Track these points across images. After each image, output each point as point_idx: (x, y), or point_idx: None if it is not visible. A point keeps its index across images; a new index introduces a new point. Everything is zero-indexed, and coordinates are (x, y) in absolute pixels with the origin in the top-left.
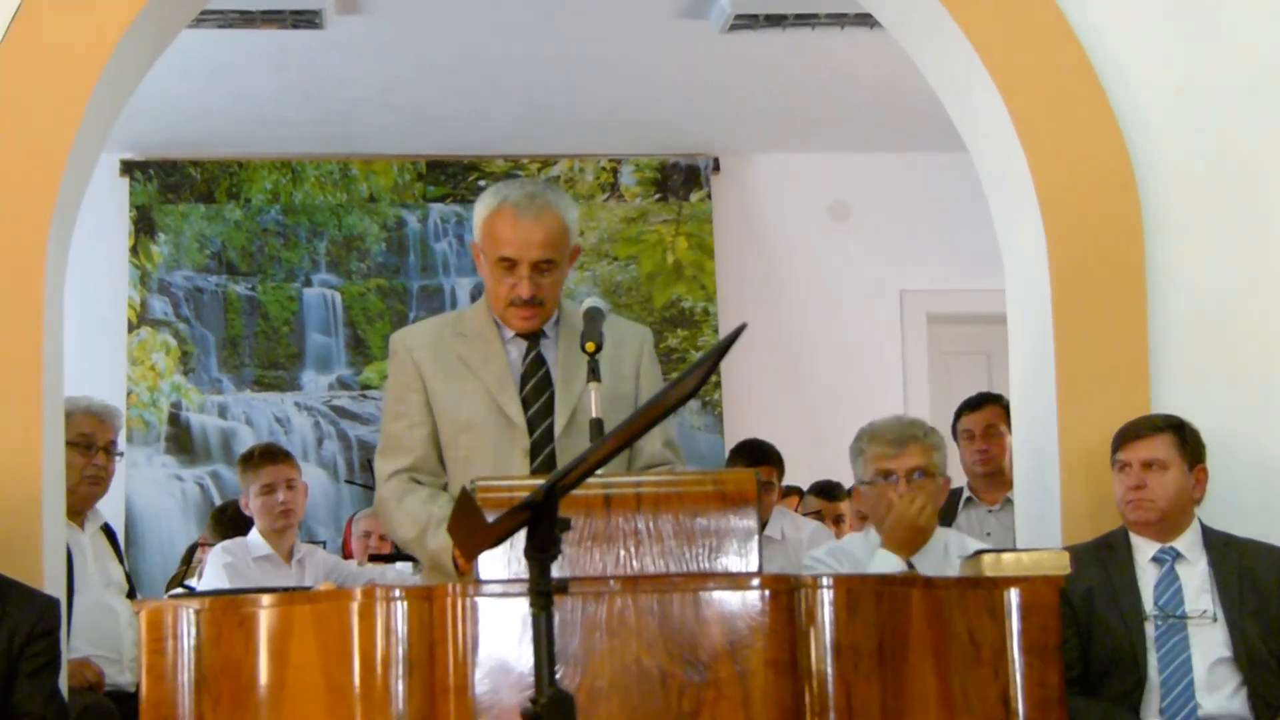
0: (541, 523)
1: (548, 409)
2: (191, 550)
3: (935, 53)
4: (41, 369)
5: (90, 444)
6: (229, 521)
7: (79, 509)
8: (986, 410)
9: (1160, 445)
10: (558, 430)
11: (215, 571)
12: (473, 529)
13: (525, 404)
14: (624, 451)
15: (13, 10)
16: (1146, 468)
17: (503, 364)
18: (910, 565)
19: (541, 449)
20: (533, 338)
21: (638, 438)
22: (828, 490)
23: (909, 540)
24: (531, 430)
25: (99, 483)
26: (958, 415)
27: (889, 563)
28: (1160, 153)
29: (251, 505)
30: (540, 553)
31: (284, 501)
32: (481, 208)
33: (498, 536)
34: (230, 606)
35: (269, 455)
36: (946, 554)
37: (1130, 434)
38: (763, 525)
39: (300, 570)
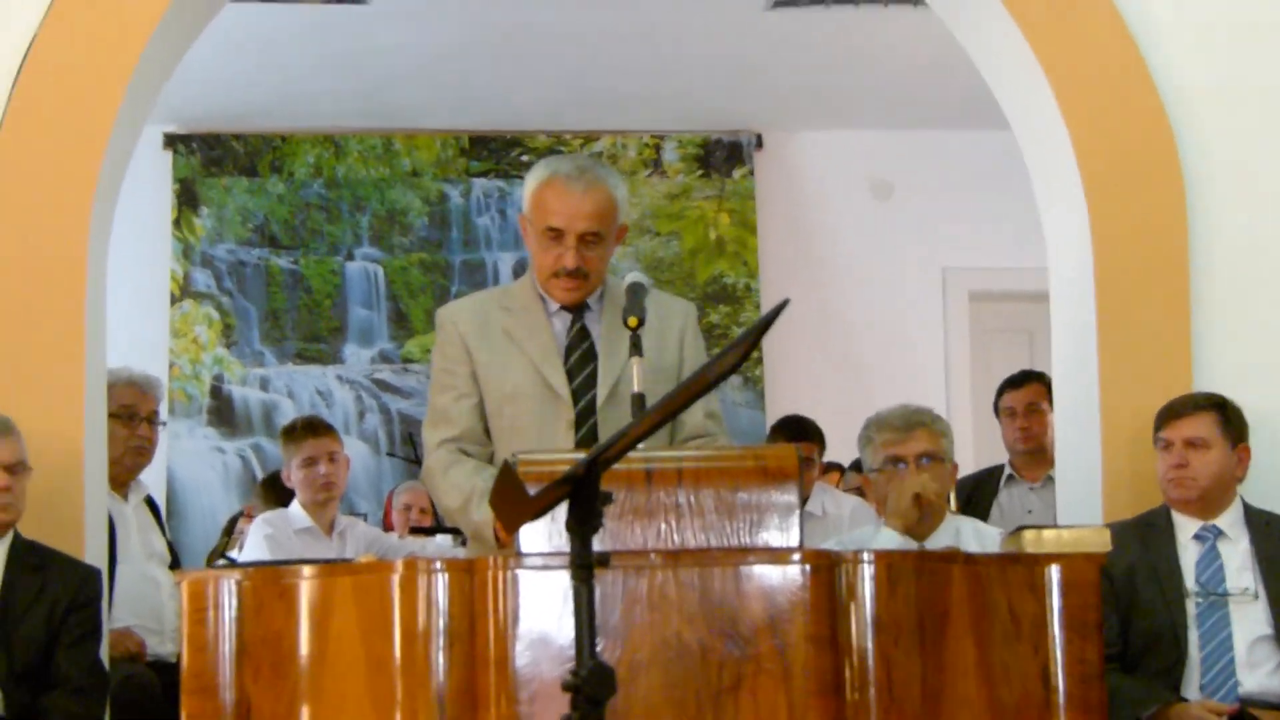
0: (583, 496)
1: (591, 381)
2: (233, 522)
3: (979, 30)
4: (84, 341)
5: (133, 414)
6: (281, 488)
7: (123, 480)
8: (1029, 388)
9: (1203, 424)
10: (600, 402)
11: (256, 543)
12: (514, 502)
13: (569, 376)
14: (666, 424)
15: None
16: (1189, 446)
17: (547, 336)
18: (921, 547)
19: (585, 421)
20: (577, 311)
21: (680, 411)
22: None
23: (910, 515)
24: (575, 401)
25: (143, 453)
26: (1000, 393)
27: (890, 539)
28: (1204, 129)
29: (293, 478)
30: (581, 526)
31: (325, 474)
32: (532, 179)
33: (539, 509)
34: (272, 578)
35: (311, 428)
36: (958, 538)
37: (1173, 412)
38: (803, 501)
39: (341, 543)
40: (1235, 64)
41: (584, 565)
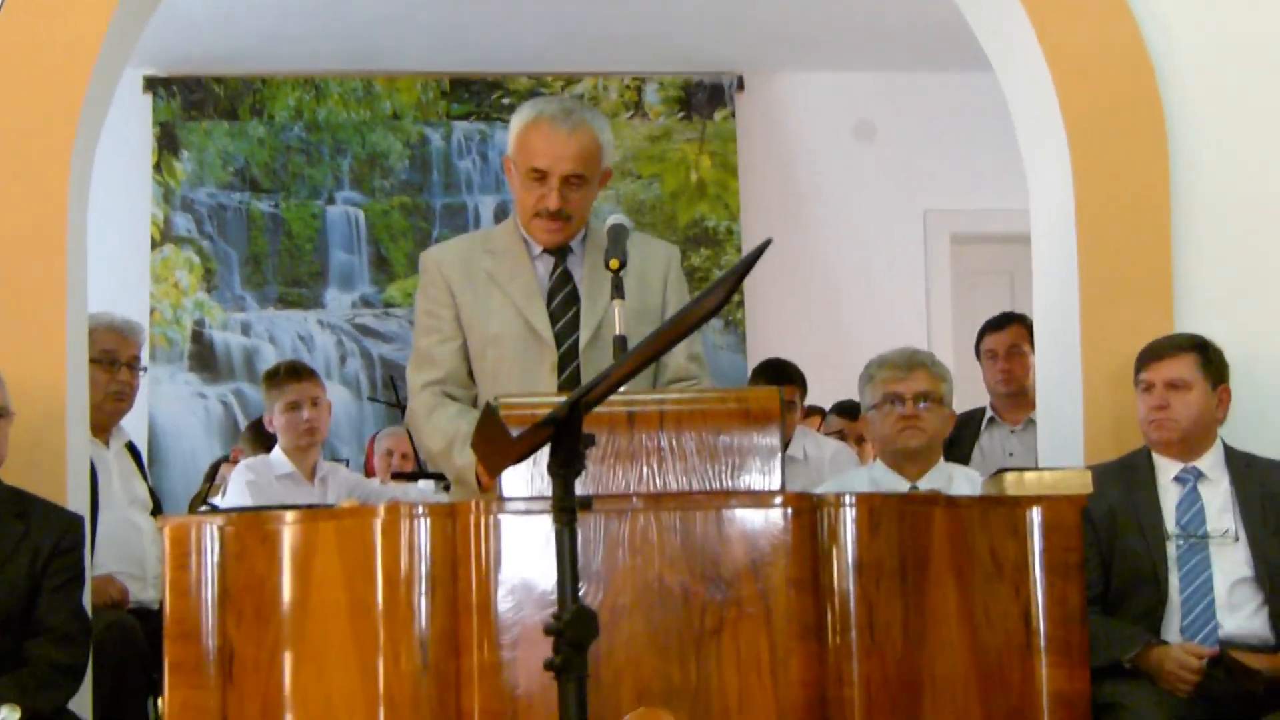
0: (565, 439)
1: (574, 324)
2: (214, 468)
3: None
4: (65, 286)
5: (114, 360)
6: (268, 434)
7: (104, 425)
8: (1010, 330)
9: (1183, 365)
10: (582, 345)
11: (238, 489)
12: (496, 445)
13: (553, 319)
14: (649, 366)
15: None
16: (1169, 388)
17: (530, 279)
18: (915, 487)
19: (569, 363)
20: (560, 254)
21: (662, 354)
22: (850, 410)
23: (898, 448)
24: (559, 344)
25: (124, 398)
26: (981, 335)
27: (883, 473)
28: (1187, 71)
29: (276, 422)
30: (564, 469)
31: (309, 419)
32: (517, 120)
33: (521, 452)
34: (254, 523)
35: (294, 373)
36: (950, 484)
37: (1153, 354)
38: (785, 445)
39: (323, 488)
40: (1219, 4)
41: (566, 508)
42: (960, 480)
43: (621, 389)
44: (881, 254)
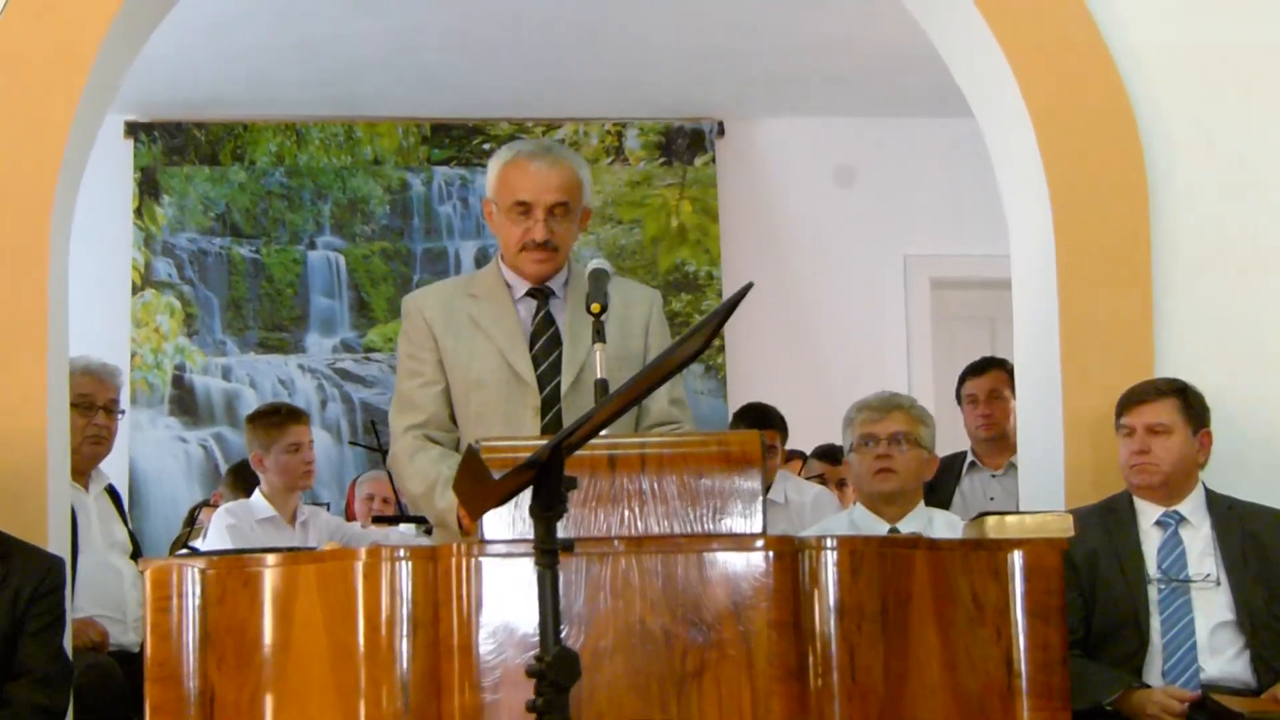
0: (547, 481)
1: (556, 368)
2: (194, 512)
3: (942, 17)
4: (47, 330)
5: (90, 404)
6: (250, 478)
7: (82, 469)
8: (990, 375)
9: (1164, 409)
10: (564, 388)
11: (218, 533)
12: (478, 487)
13: (535, 362)
14: (631, 411)
15: None
16: (1150, 432)
17: (513, 323)
18: (895, 530)
19: (551, 407)
20: (542, 297)
21: (644, 397)
22: (831, 454)
23: (872, 489)
24: (541, 388)
25: (101, 442)
26: (961, 380)
27: (864, 517)
28: (1166, 118)
29: (272, 463)
30: (546, 511)
31: (309, 460)
32: (496, 162)
33: (503, 495)
34: (235, 566)
35: (294, 414)
36: (930, 528)
37: (1134, 398)
38: (766, 489)
39: (304, 532)
40: (1203, 61)
41: (549, 551)
42: (940, 524)
43: (603, 432)
44: (862, 299)
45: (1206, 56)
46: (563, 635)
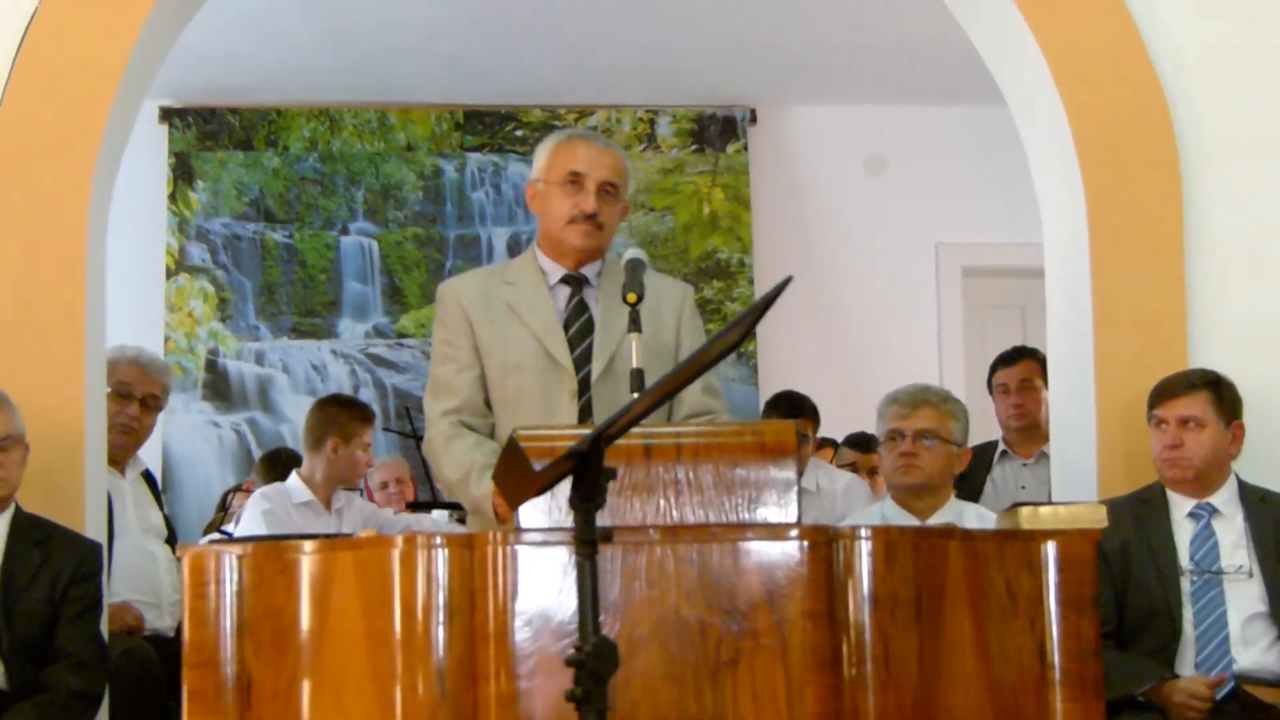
0: (587, 473)
1: (587, 355)
2: (227, 496)
3: (974, 5)
4: (84, 317)
5: (128, 393)
6: (282, 466)
7: (114, 457)
8: (1022, 364)
9: (1197, 403)
10: (594, 376)
11: (253, 517)
12: (519, 478)
13: (570, 346)
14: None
15: None
16: (1183, 426)
17: (549, 309)
18: (923, 525)
19: (582, 394)
20: (576, 284)
21: (681, 389)
22: (862, 443)
23: (896, 484)
24: (576, 372)
25: (129, 433)
26: (993, 369)
27: (892, 510)
28: (1199, 105)
29: (346, 454)
30: (585, 502)
31: (370, 462)
32: (548, 143)
33: (542, 486)
34: (273, 552)
35: (371, 414)
36: (961, 522)
37: (1167, 392)
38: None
39: (338, 518)
40: (1232, 37)
41: (588, 541)
42: (971, 518)
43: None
44: (893, 286)
45: (1243, 48)
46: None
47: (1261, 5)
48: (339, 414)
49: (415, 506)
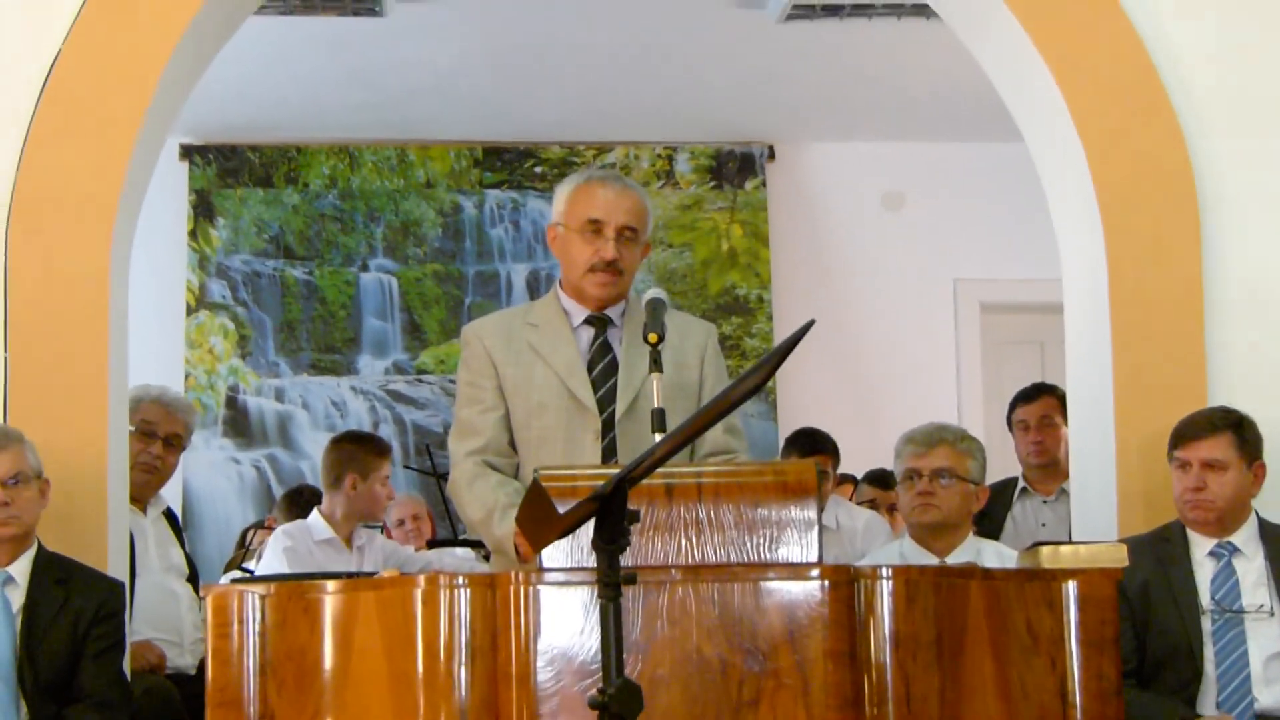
0: (610, 515)
1: (611, 395)
2: (247, 534)
3: (992, 43)
4: (107, 355)
5: (151, 432)
6: (304, 503)
7: (136, 495)
8: (1041, 401)
9: (1220, 446)
10: (619, 415)
11: (275, 555)
12: (542, 519)
13: (594, 386)
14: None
15: None
16: (1206, 468)
17: (572, 350)
18: (942, 563)
19: (606, 434)
20: (600, 325)
21: (704, 431)
22: (882, 479)
23: (913, 523)
24: (600, 412)
25: (151, 471)
26: (1012, 406)
27: (910, 549)
28: (1219, 142)
29: (365, 489)
30: (609, 544)
31: (391, 495)
32: (566, 185)
33: (566, 527)
34: (295, 592)
35: (388, 447)
36: (979, 559)
37: (1189, 434)
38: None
39: (360, 556)
40: (1250, 76)
41: (612, 583)
42: (990, 556)
43: None
44: (912, 323)
45: (1261, 87)
46: None
47: (1278, 36)
48: (354, 450)
49: (434, 544)
